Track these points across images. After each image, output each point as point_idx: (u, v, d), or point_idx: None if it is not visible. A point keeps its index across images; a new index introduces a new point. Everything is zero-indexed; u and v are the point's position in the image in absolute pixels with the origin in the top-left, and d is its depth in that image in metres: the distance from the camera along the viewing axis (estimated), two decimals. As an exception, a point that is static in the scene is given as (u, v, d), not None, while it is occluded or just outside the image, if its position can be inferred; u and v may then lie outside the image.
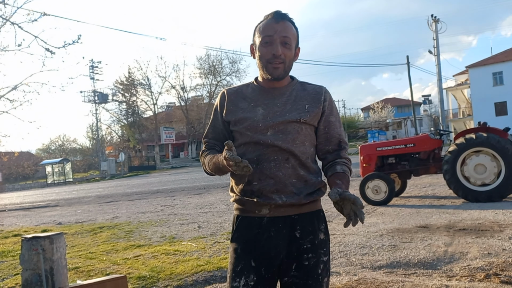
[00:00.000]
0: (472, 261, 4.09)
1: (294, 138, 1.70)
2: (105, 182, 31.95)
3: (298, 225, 1.69)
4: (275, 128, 1.70)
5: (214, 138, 1.84)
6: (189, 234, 6.65)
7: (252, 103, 1.75)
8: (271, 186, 1.67)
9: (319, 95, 1.78)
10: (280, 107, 1.73)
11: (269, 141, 1.68)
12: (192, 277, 4.27)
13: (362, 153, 8.78)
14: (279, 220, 1.68)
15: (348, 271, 4.11)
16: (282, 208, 1.68)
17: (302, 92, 1.78)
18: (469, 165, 7.61)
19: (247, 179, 1.69)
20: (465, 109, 46.84)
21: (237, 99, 1.78)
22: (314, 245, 1.69)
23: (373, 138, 37.41)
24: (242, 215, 1.74)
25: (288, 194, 1.67)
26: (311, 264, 1.67)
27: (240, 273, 1.66)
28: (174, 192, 14.50)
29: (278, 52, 1.67)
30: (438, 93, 34.03)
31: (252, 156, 1.69)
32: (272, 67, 1.69)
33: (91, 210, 12.24)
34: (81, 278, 4.32)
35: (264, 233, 1.68)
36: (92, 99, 50.19)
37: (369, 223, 6.28)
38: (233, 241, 1.75)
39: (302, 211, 1.70)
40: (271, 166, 1.68)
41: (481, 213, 6.38)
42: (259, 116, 1.71)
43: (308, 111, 1.73)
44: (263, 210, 1.69)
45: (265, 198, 1.67)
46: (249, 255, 1.68)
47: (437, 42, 32.98)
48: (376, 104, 60.46)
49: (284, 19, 1.72)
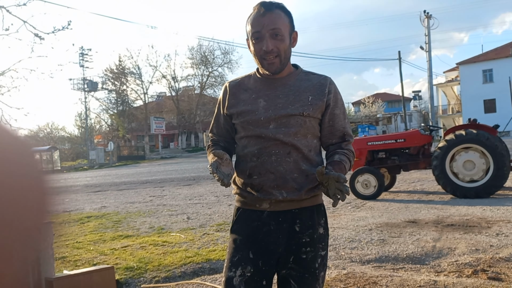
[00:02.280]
0: (460, 256, 4.12)
1: (297, 132, 1.67)
2: (93, 171, 31.71)
3: (298, 219, 1.68)
4: (277, 121, 1.67)
5: (218, 134, 1.85)
6: (178, 225, 6.62)
7: (253, 95, 1.72)
8: (271, 181, 1.65)
9: (324, 87, 1.73)
10: (282, 98, 1.69)
11: (270, 134, 1.65)
12: (181, 269, 4.25)
13: (353, 147, 8.79)
14: (280, 214, 1.67)
15: (337, 265, 4.12)
16: (282, 203, 1.66)
17: (306, 82, 1.73)
18: (458, 161, 7.66)
19: (248, 172, 1.69)
20: (454, 105, 47.24)
21: (239, 91, 1.75)
22: (313, 239, 1.68)
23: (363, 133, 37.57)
24: (243, 208, 1.73)
25: (288, 190, 1.65)
26: (309, 258, 1.66)
27: (237, 263, 1.65)
28: (163, 183, 14.43)
29: (268, 47, 1.62)
30: (428, 89, 34.26)
31: (253, 149, 1.67)
32: (267, 63, 1.65)
33: (78, 199, 12.13)
34: (68, 268, 4.27)
35: (263, 226, 1.67)
36: (82, 87, 49.60)
37: (358, 217, 6.30)
38: (232, 232, 1.74)
39: (302, 205, 1.69)
40: (272, 161, 1.65)
41: (469, 209, 6.43)
42: (260, 109, 1.68)
43: (312, 104, 1.69)
44: (264, 204, 1.68)
45: (265, 194, 1.65)
46: (248, 246, 1.66)
47: (429, 38, 33.12)
48: (367, 99, 60.67)
49: (271, 9, 1.64)
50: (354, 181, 8.18)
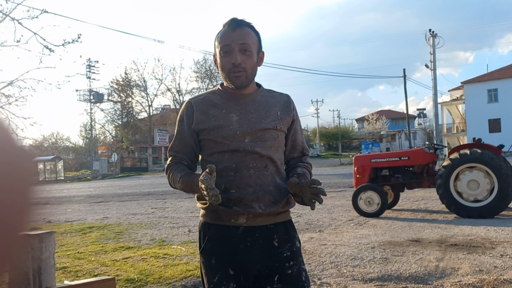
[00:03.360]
0: (463, 277, 4.08)
1: (271, 145, 1.70)
2: (96, 181, 31.72)
3: (275, 234, 1.67)
4: (253, 135, 1.67)
5: (181, 152, 1.77)
6: (179, 238, 6.59)
7: (223, 110, 1.70)
8: (250, 194, 1.63)
9: (288, 103, 1.80)
10: (254, 113, 1.70)
11: (248, 147, 1.65)
12: (181, 282, 4.22)
13: (356, 164, 8.78)
14: (256, 230, 1.65)
15: (338, 283, 4.08)
16: (259, 217, 1.64)
17: (272, 99, 1.78)
18: (462, 181, 7.63)
19: (224, 187, 1.63)
20: (459, 124, 47.17)
21: (207, 107, 1.73)
22: (293, 252, 1.67)
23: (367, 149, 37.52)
24: (215, 223, 1.67)
25: (266, 203, 1.65)
26: (295, 272, 1.65)
27: (218, 284, 1.62)
28: (166, 195, 14.41)
29: (237, 61, 1.64)
30: (433, 107, 34.25)
31: (230, 164, 1.65)
32: (234, 76, 1.66)
33: (81, 209, 12.13)
34: (69, 279, 4.25)
35: (240, 243, 1.64)
36: (88, 98, 49.98)
37: (361, 235, 6.26)
38: (204, 251, 1.68)
39: (277, 220, 1.69)
40: (251, 174, 1.64)
41: (473, 229, 6.38)
42: (234, 123, 1.68)
43: (281, 119, 1.74)
44: (240, 219, 1.64)
45: (244, 207, 1.62)
46: (226, 264, 1.63)
47: (434, 57, 33.24)
48: (371, 116, 60.73)
49: (241, 25, 1.68)
50: (357, 198, 8.15)
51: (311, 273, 4.40)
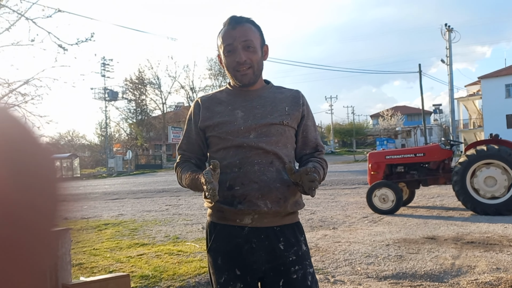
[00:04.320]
0: (480, 275, 4.02)
1: (277, 141, 1.66)
2: (111, 179, 32.09)
3: (281, 237, 1.63)
4: (257, 130, 1.65)
5: (189, 150, 1.78)
6: (193, 235, 6.63)
7: (229, 106, 1.69)
8: (255, 191, 1.59)
9: (297, 99, 1.76)
10: (260, 109, 1.68)
11: (253, 143, 1.63)
12: (195, 279, 4.25)
13: (371, 160, 8.71)
14: (261, 231, 1.62)
15: (352, 280, 4.06)
16: (265, 218, 1.61)
17: (280, 94, 1.75)
18: (479, 177, 7.51)
19: (228, 184, 1.61)
20: (476, 120, 46.43)
21: (213, 105, 1.73)
22: (299, 256, 1.63)
23: (381, 146, 37.16)
24: (221, 223, 1.66)
25: (273, 200, 1.61)
26: (300, 277, 1.61)
27: (225, 284, 1.61)
28: (179, 192, 14.50)
29: (241, 59, 1.63)
30: (449, 103, 33.77)
31: (234, 160, 1.62)
32: (240, 74, 1.65)
33: (97, 206, 12.28)
34: (85, 275, 4.31)
35: (245, 244, 1.61)
36: (102, 96, 50.52)
37: (375, 232, 6.21)
38: (211, 251, 1.68)
39: (283, 222, 1.65)
40: (255, 170, 1.61)
41: (490, 226, 6.28)
42: (239, 119, 1.66)
43: (289, 114, 1.71)
44: (245, 219, 1.61)
45: (249, 204, 1.59)
46: (232, 265, 1.62)
47: (450, 52, 32.75)
48: (386, 112, 60.17)
49: (241, 22, 1.67)
50: (372, 195, 8.08)
51: (324, 271, 4.38)
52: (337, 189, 12.88)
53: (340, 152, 50.58)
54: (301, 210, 1.75)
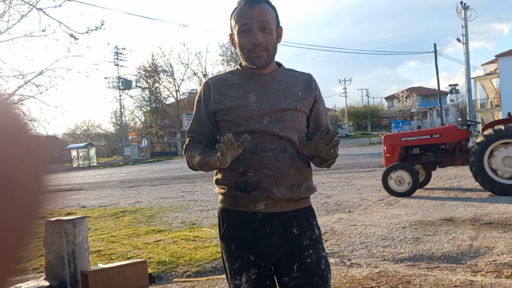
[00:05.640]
0: (499, 256, 3.97)
1: (291, 126, 1.63)
2: (128, 167, 32.47)
3: (295, 222, 1.62)
4: (271, 116, 1.62)
5: (199, 132, 1.72)
6: (209, 220, 6.68)
7: (241, 90, 1.65)
8: (269, 177, 1.57)
9: (310, 83, 1.73)
10: (273, 93, 1.65)
11: (266, 129, 1.60)
12: (211, 264, 4.29)
13: (386, 143, 8.62)
14: (275, 217, 1.60)
15: (369, 263, 4.05)
16: (279, 204, 1.60)
17: (292, 78, 1.71)
18: (497, 157, 7.38)
19: (241, 170, 1.59)
20: (493, 99, 45.49)
21: (224, 87, 1.67)
22: (312, 240, 1.63)
23: (397, 128, 36.76)
24: (234, 209, 1.64)
25: (287, 187, 1.59)
26: (314, 261, 1.60)
27: (240, 270, 1.60)
28: (195, 179, 14.60)
29: (257, 40, 1.58)
30: (465, 83, 33.10)
31: (247, 145, 1.56)
32: (255, 56, 1.61)
33: (114, 194, 12.45)
34: (103, 262, 4.38)
35: (259, 229, 1.60)
36: (116, 85, 50.82)
37: (392, 215, 6.17)
38: (224, 237, 1.66)
39: (296, 207, 1.64)
40: (269, 156, 1.58)
41: (508, 207, 6.19)
42: (252, 103, 1.62)
43: (302, 99, 1.67)
44: (259, 205, 1.60)
45: (263, 191, 1.58)
46: (246, 250, 1.61)
47: (466, 30, 31.98)
48: (401, 93, 59.32)
49: (258, 2, 1.61)
50: (387, 178, 8.02)
51: (340, 254, 4.38)
52: (352, 172, 12.81)
53: (355, 135, 50.22)
54: (317, 194, 1.74)
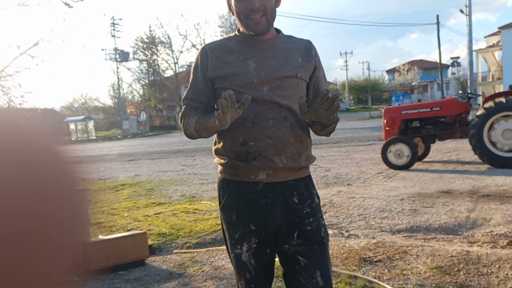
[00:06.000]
0: (495, 227, 4.01)
1: (291, 94, 1.60)
2: (127, 140, 32.49)
3: (295, 191, 1.62)
4: (271, 83, 1.58)
5: (196, 100, 1.67)
6: (209, 193, 6.72)
7: (240, 56, 1.60)
8: (270, 146, 1.56)
9: (310, 50, 1.69)
10: (273, 60, 1.61)
11: (267, 97, 1.57)
12: (211, 235, 4.33)
13: (386, 116, 8.58)
14: (276, 186, 1.60)
15: (366, 234, 4.09)
16: (280, 173, 1.59)
17: (291, 45, 1.67)
18: (497, 130, 7.37)
19: (242, 139, 1.57)
20: (495, 72, 45.12)
21: (222, 54, 1.62)
22: (312, 209, 1.63)
23: (397, 101, 36.64)
24: (234, 180, 1.63)
25: (288, 156, 1.58)
26: (314, 228, 1.61)
27: (240, 239, 1.61)
28: (195, 152, 14.63)
29: (255, 5, 1.53)
30: (467, 55, 32.75)
31: (248, 114, 1.54)
32: (253, 23, 1.56)
33: (113, 167, 12.50)
34: (103, 233, 4.43)
35: (260, 199, 1.59)
36: (114, 57, 50.27)
37: (390, 187, 6.21)
38: (224, 207, 1.65)
39: (297, 176, 1.63)
40: (270, 125, 1.56)
41: (507, 179, 6.22)
42: (251, 71, 1.58)
43: (302, 66, 1.64)
44: (260, 175, 1.58)
45: (264, 161, 1.56)
46: (247, 220, 1.60)
47: (469, 1, 31.41)
48: (402, 66, 58.80)
49: None
50: (387, 151, 8.02)
51: (339, 226, 4.42)
52: (351, 146, 12.82)
53: (355, 109, 50.07)
54: (316, 167, 1.73)
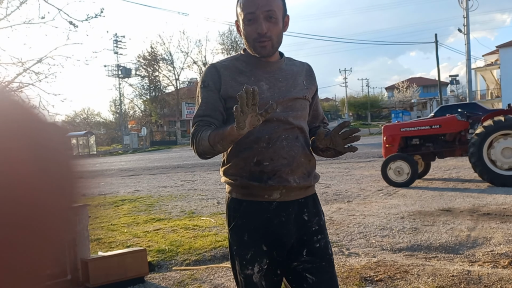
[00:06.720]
0: (496, 246, 4.00)
1: (301, 115, 1.67)
2: (127, 155, 32.47)
3: (304, 208, 1.65)
4: (284, 104, 1.63)
5: (210, 116, 1.60)
6: (208, 209, 6.70)
7: (252, 78, 1.63)
8: (285, 166, 1.59)
9: (311, 72, 1.77)
10: (283, 82, 1.66)
11: (282, 117, 1.61)
12: (210, 252, 4.31)
13: (385, 133, 8.62)
14: (289, 205, 1.62)
15: (367, 253, 4.08)
16: (292, 192, 1.62)
17: (295, 67, 1.73)
18: (496, 149, 7.39)
19: (256, 159, 1.57)
20: (493, 90, 45.39)
21: (234, 74, 1.64)
22: (320, 226, 1.67)
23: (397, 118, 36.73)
24: (247, 200, 1.62)
25: (300, 175, 1.62)
26: (322, 246, 1.65)
27: (252, 260, 1.60)
28: (194, 168, 14.62)
29: (263, 30, 1.56)
30: (466, 73, 32.98)
31: (263, 134, 1.57)
32: (260, 46, 1.59)
33: (113, 182, 12.47)
34: (103, 250, 4.41)
35: (275, 218, 1.60)
36: (116, 73, 50.59)
37: (390, 205, 6.20)
38: (236, 228, 1.63)
39: (306, 194, 1.67)
40: (284, 145, 1.60)
41: (507, 198, 6.21)
42: (265, 92, 1.61)
43: (307, 88, 1.71)
44: (274, 194, 1.60)
45: (279, 180, 1.58)
46: (259, 241, 1.60)
47: (467, 20, 31.77)
48: (401, 84, 59.15)
49: None
50: (386, 168, 8.03)
51: (339, 243, 4.41)
52: (351, 162, 12.83)
53: (354, 125, 50.08)
54: (316, 183, 1.77)
